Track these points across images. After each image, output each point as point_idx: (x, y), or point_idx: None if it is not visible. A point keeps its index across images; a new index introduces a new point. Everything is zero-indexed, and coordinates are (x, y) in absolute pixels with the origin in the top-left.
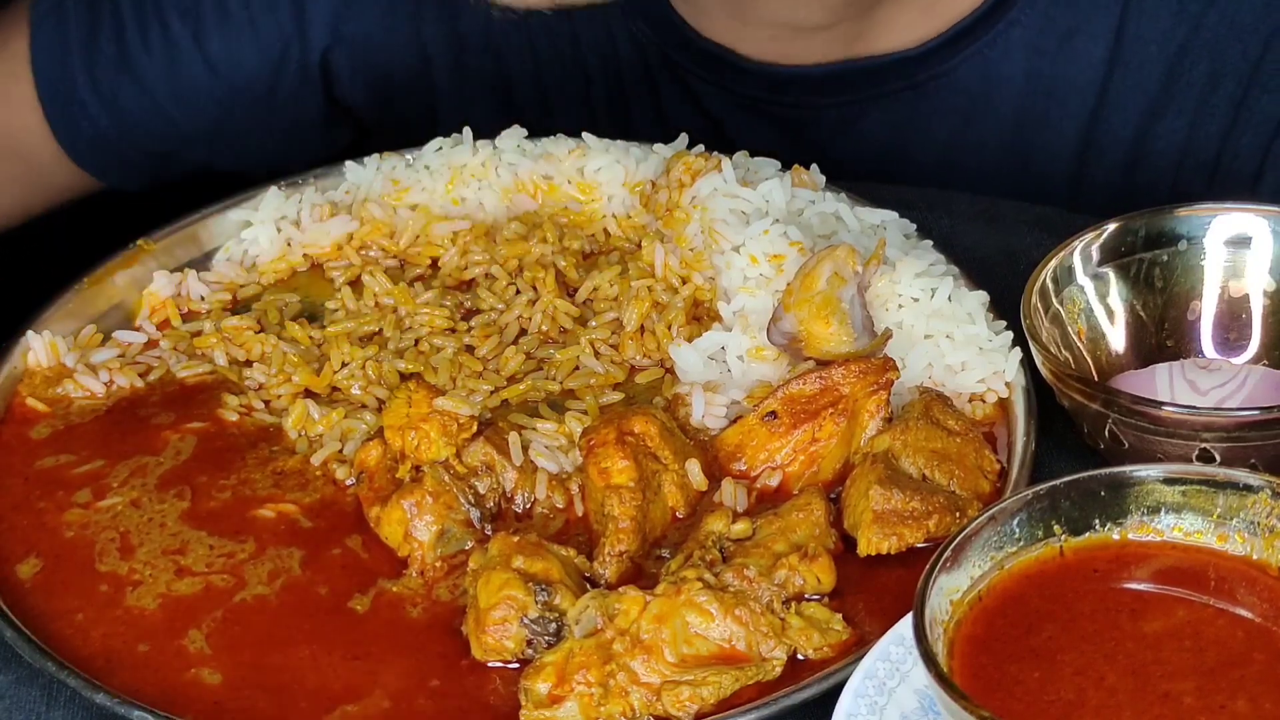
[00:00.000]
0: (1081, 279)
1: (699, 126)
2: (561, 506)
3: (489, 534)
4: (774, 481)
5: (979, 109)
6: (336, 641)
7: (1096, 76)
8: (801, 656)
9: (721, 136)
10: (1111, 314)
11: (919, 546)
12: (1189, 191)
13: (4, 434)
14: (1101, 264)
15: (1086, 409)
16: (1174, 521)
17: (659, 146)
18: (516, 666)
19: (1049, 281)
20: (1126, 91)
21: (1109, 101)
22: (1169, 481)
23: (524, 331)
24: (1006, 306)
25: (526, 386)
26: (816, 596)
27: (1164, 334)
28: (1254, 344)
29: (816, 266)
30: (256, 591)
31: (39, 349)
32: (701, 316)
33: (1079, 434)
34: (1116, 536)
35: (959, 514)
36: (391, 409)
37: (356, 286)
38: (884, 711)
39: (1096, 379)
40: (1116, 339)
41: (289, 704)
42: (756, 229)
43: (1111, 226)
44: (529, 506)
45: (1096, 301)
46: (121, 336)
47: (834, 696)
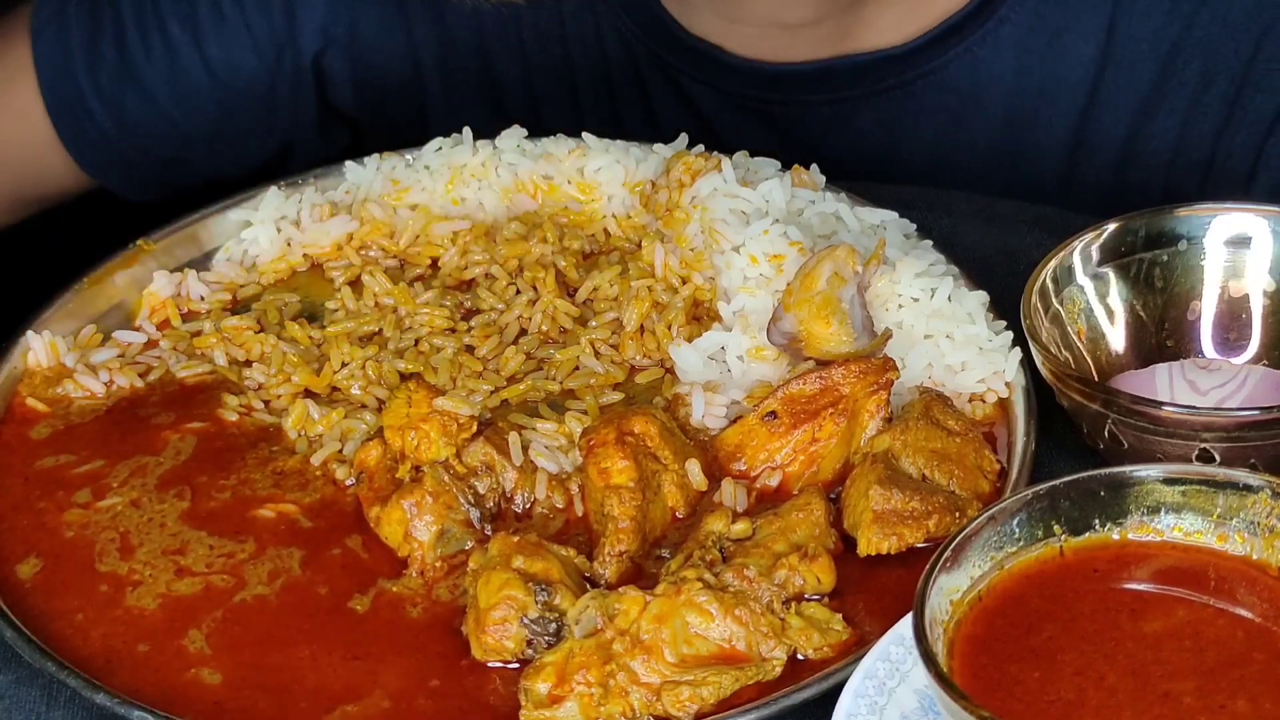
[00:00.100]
0: (1081, 279)
1: (688, 125)
2: (561, 506)
3: (489, 534)
4: (774, 481)
5: (969, 107)
6: (336, 641)
7: (1087, 75)
8: (801, 656)
9: (711, 135)
10: (1111, 314)
11: (919, 546)
12: (1182, 191)
13: (4, 434)
14: (1101, 264)
15: (1086, 409)
16: (1174, 521)
17: (659, 146)
18: (516, 666)
19: (1049, 281)
20: (1118, 90)
21: (1100, 100)
22: (1169, 481)
23: (524, 331)
24: (1006, 306)
25: (526, 386)
26: (816, 596)
27: (1164, 334)
28: (1254, 344)
29: (816, 266)
30: (256, 591)
31: (39, 349)
32: (701, 316)
33: (1079, 434)
34: (1116, 536)
35: (959, 514)
36: (391, 409)
37: (356, 286)
38: (884, 711)
39: (1096, 379)
40: (1116, 339)
41: (289, 704)
42: (756, 229)
43: (1111, 226)
44: (529, 506)
45: (1096, 301)
46: (121, 336)
47: (834, 696)
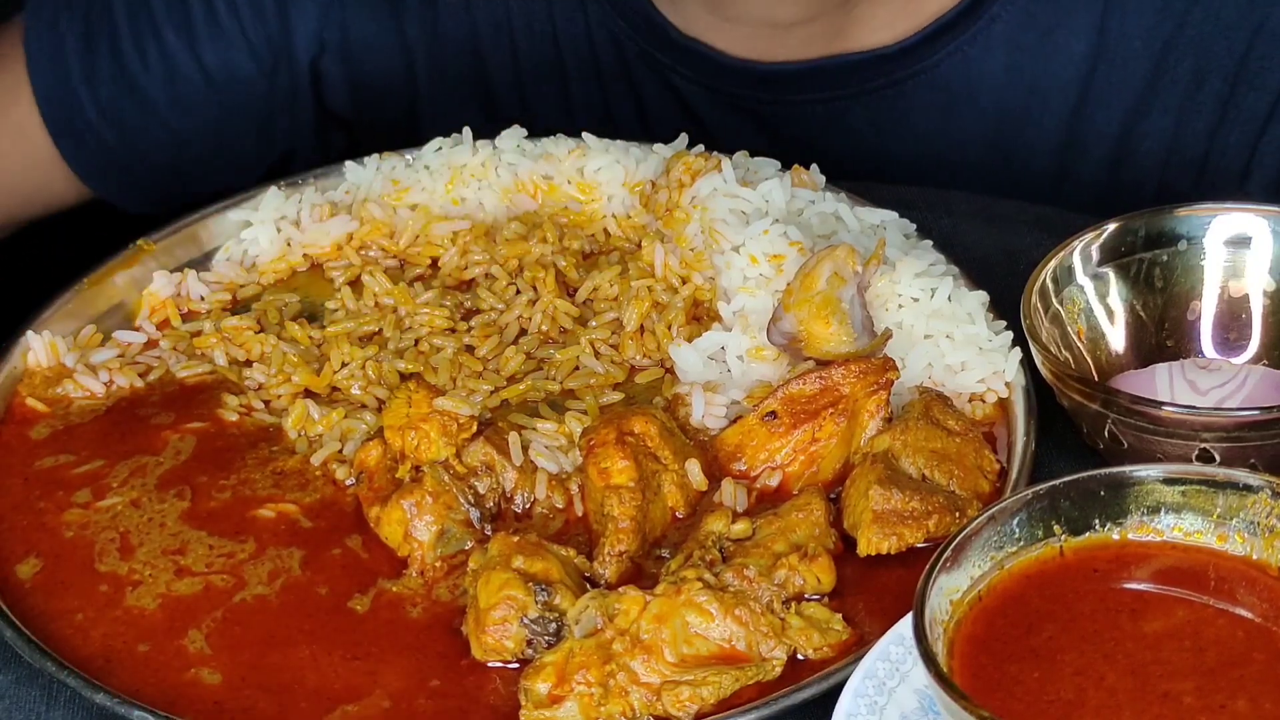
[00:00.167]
0: (1081, 279)
1: (681, 125)
2: (561, 506)
3: (489, 534)
4: (774, 481)
5: (960, 106)
6: (336, 641)
7: (1079, 73)
8: (801, 656)
9: (704, 135)
10: (1111, 314)
11: (919, 546)
12: (1175, 189)
13: (4, 434)
14: (1101, 264)
15: (1086, 409)
16: (1174, 521)
17: (659, 146)
18: (516, 666)
19: (1049, 281)
20: (1111, 88)
21: (1092, 98)
22: (1169, 481)
23: (524, 331)
24: (1006, 306)
25: (526, 386)
26: (816, 596)
27: (1164, 334)
28: (1254, 344)
29: (816, 266)
30: (256, 591)
31: (39, 349)
32: (701, 316)
33: (1079, 434)
34: (1116, 536)
35: (959, 514)
36: (391, 409)
37: (356, 286)
38: (884, 711)
39: (1096, 379)
40: (1116, 339)
41: (289, 704)
42: (756, 229)
43: (1111, 226)
44: (529, 506)
45: (1096, 301)
46: (121, 336)
47: (834, 696)
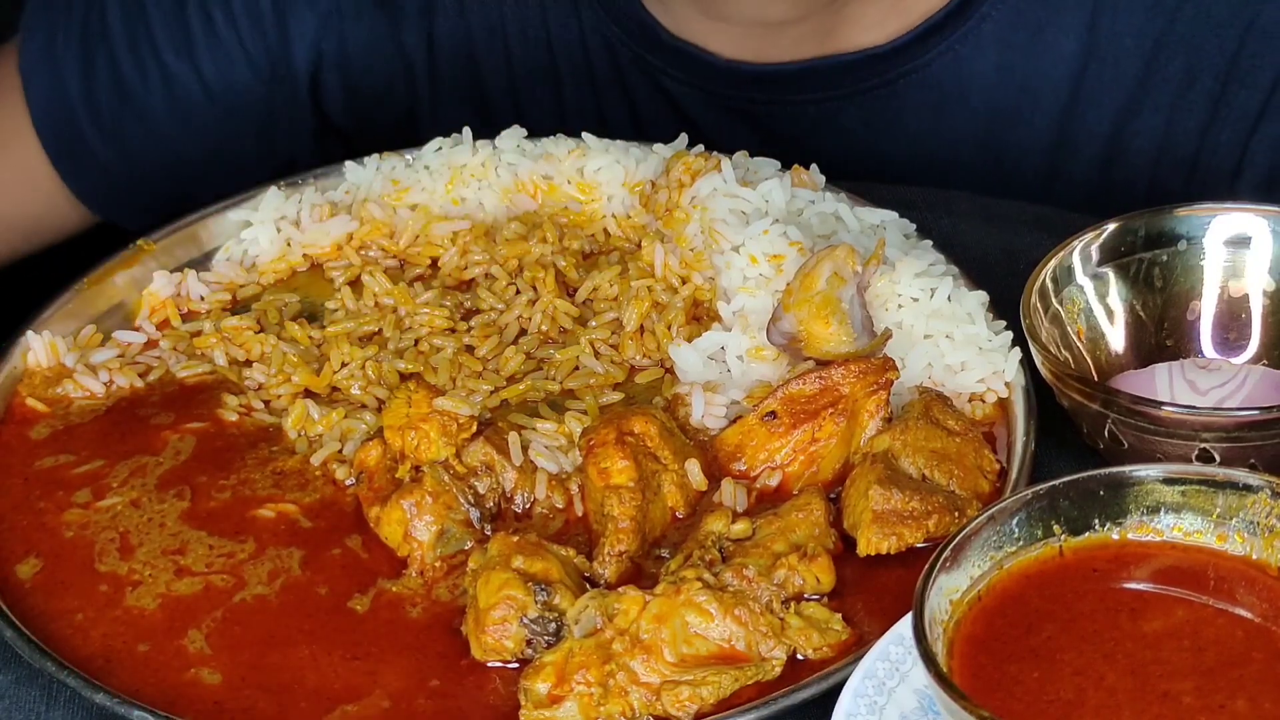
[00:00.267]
0: (1081, 279)
1: (674, 127)
2: (561, 506)
3: (489, 534)
4: (774, 481)
5: (952, 105)
6: (336, 641)
7: (1070, 71)
8: (801, 656)
9: (697, 136)
10: (1111, 314)
11: (919, 546)
12: (1167, 188)
13: (4, 434)
14: (1101, 264)
15: (1086, 409)
16: (1174, 521)
17: (658, 146)
18: (516, 666)
19: (1049, 281)
20: (1102, 87)
21: (1083, 97)
22: (1169, 481)
23: (524, 331)
24: (1006, 306)
25: (526, 386)
26: (816, 596)
27: (1164, 334)
28: (1254, 344)
29: (816, 266)
30: (256, 591)
31: (39, 349)
32: (701, 316)
33: (1079, 434)
34: (1116, 536)
35: (958, 514)
36: (391, 409)
37: (356, 286)
38: (884, 711)
39: (1096, 379)
40: (1116, 339)
41: (289, 704)
42: (756, 229)
43: (1111, 226)
44: (529, 506)
45: (1096, 301)
46: (121, 336)
47: (834, 696)
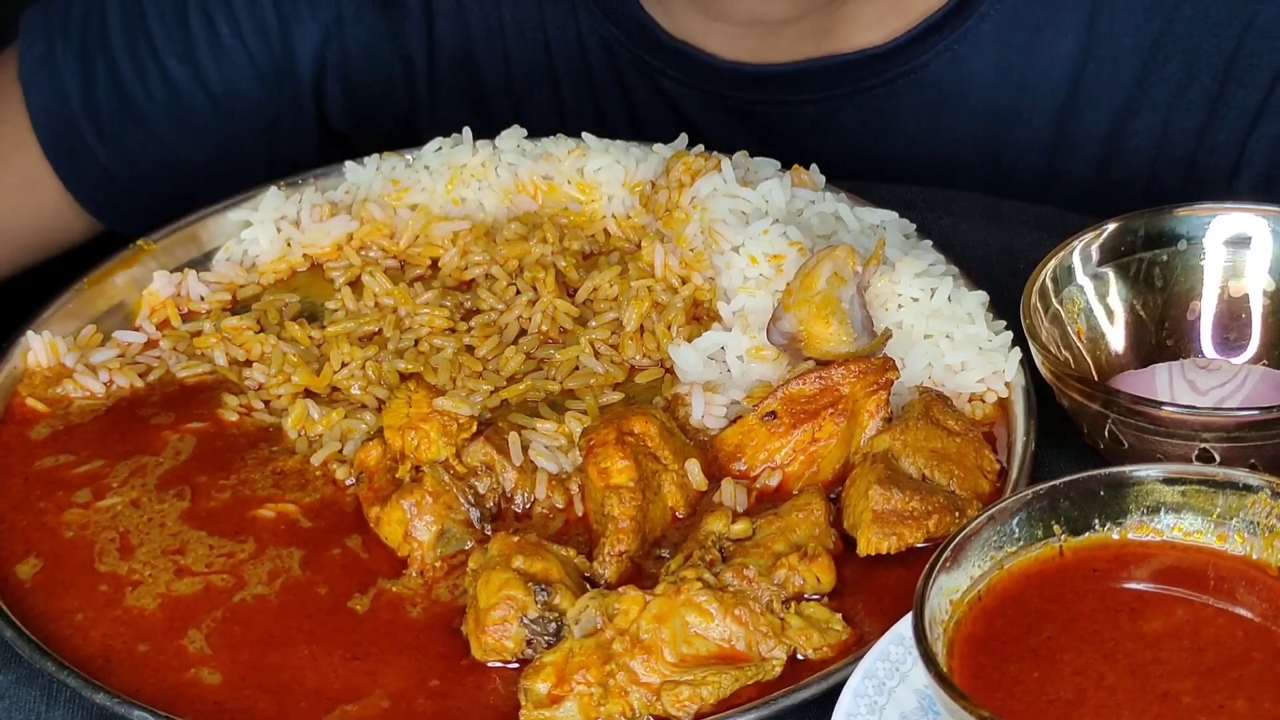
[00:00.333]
0: (1081, 279)
1: (672, 128)
2: (561, 506)
3: (489, 534)
4: (774, 481)
5: (950, 105)
6: (336, 641)
7: (1068, 71)
8: (801, 656)
9: (696, 137)
10: (1111, 314)
11: (919, 546)
12: (1165, 188)
13: (4, 434)
14: (1101, 264)
15: (1086, 409)
16: (1174, 521)
17: (658, 146)
18: (516, 666)
19: (1049, 281)
20: (1100, 86)
21: (1082, 96)
22: (1169, 481)
23: (524, 331)
24: (1006, 306)
25: (526, 386)
26: (816, 596)
27: (1164, 334)
28: (1254, 344)
29: (816, 266)
30: (256, 591)
31: (39, 349)
32: (701, 316)
33: (1079, 434)
34: (1116, 536)
35: (959, 514)
36: (391, 409)
37: (356, 286)
38: (884, 711)
39: (1096, 379)
40: (1116, 339)
41: (289, 704)
42: (756, 229)
43: (1111, 226)
44: (529, 506)
45: (1096, 301)
46: (121, 336)
47: (834, 696)
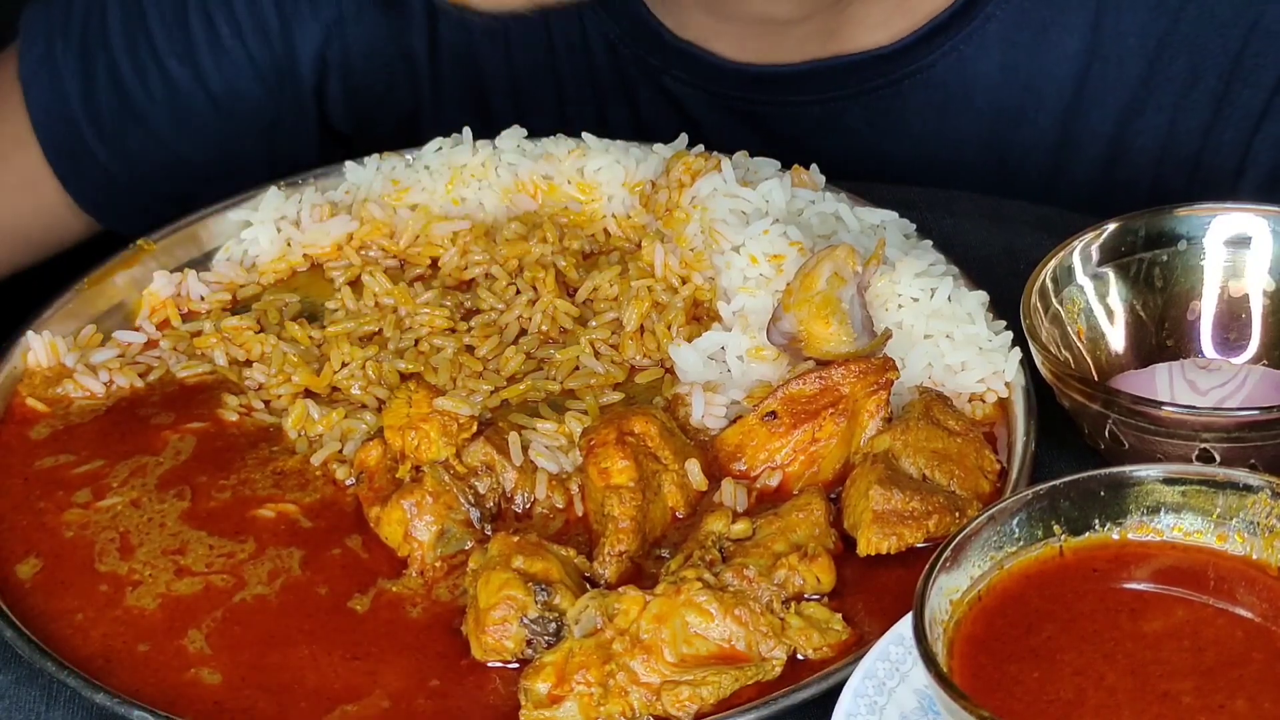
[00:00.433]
0: (1081, 279)
1: (676, 128)
2: (561, 506)
3: (489, 534)
4: (774, 481)
5: (956, 105)
6: (336, 641)
7: (1073, 70)
8: (801, 656)
9: (699, 137)
10: (1111, 314)
11: (919, 546)
12: (1169, 188)
13: (4, 434)
14: (1101, 264)
15: (1086, 409)
16: (1174, 521)
17: (659, 146)
18: (516, 666)
19: (1049, 281)
20: (1105, 86)
21: (1087, 96)
22: (1169, 481)
23: (524, 331)
24: (1006, 306)
25: (526, 386)
26: (816, 596)
27: (1164, 334)
28: (1254, 344)
29: (816, 266)
30: (256, 591)
31: (39, 349)
32: (701, 316)
33: (1079, 434)
34: (1116, 536)
35: (959, 514)
36: (391, 409)
37: (356, 286)
38: (884, 711)
39: (1096, 379)
40: (1116, 339)
41: (289, 704)
42: (756, 229)
43: (1111, 226)
44: (529, 506)
45: (1096, 301)
46: (121, 336)
47: (834, 696)
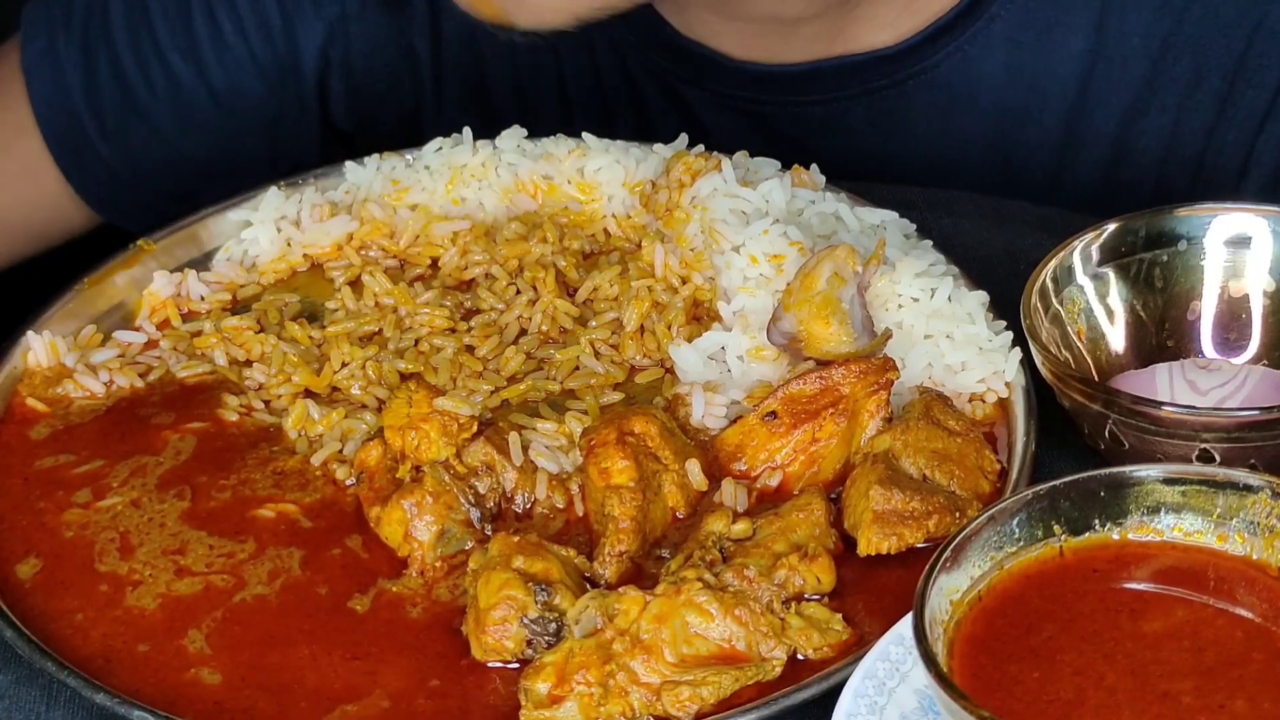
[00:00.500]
0: (1081, 279)
1: (680, 127)
2: (561, 506)
3: (489, 534)
4: (774, 481)
5: (960, 105)
6: (336, 641)
7: (1077, 70)
8: (801, 656)
9: (703, 136)
10: (1111, 314)
11: (919, 546)
12: (1172, 189)
13: (4, 434)
14: (1101, 264)
15: (1087, 409)
16: (1174, 521)
17: (659, 146)
18: (516, 666)
19: (1049, 281)
20: (1110, 86)
21: (1091, 96)
22: (1169, 481)
23: (524, 331)
24: (1006, 306)
25: (526, 386)
26: (816, 596)
27: (1164, 334)
28: (1254, 344)
29: (816, 266)
30: (256, 591)
31: (39, 349)
32: (701, 316)
33: (1079, 434)
34: (1116, 536)
35: (959, 514)
36: (391, 409)
37: (356, 286)
38: (884, 711)
39: (1096, 379)
40: (1116, 339)
41: (289, 704)
42: (756, 229)
43: (1111, 226)
44: (529, 506)
45: (1096, 301)
46: (121, 336)
47: (834, 696)
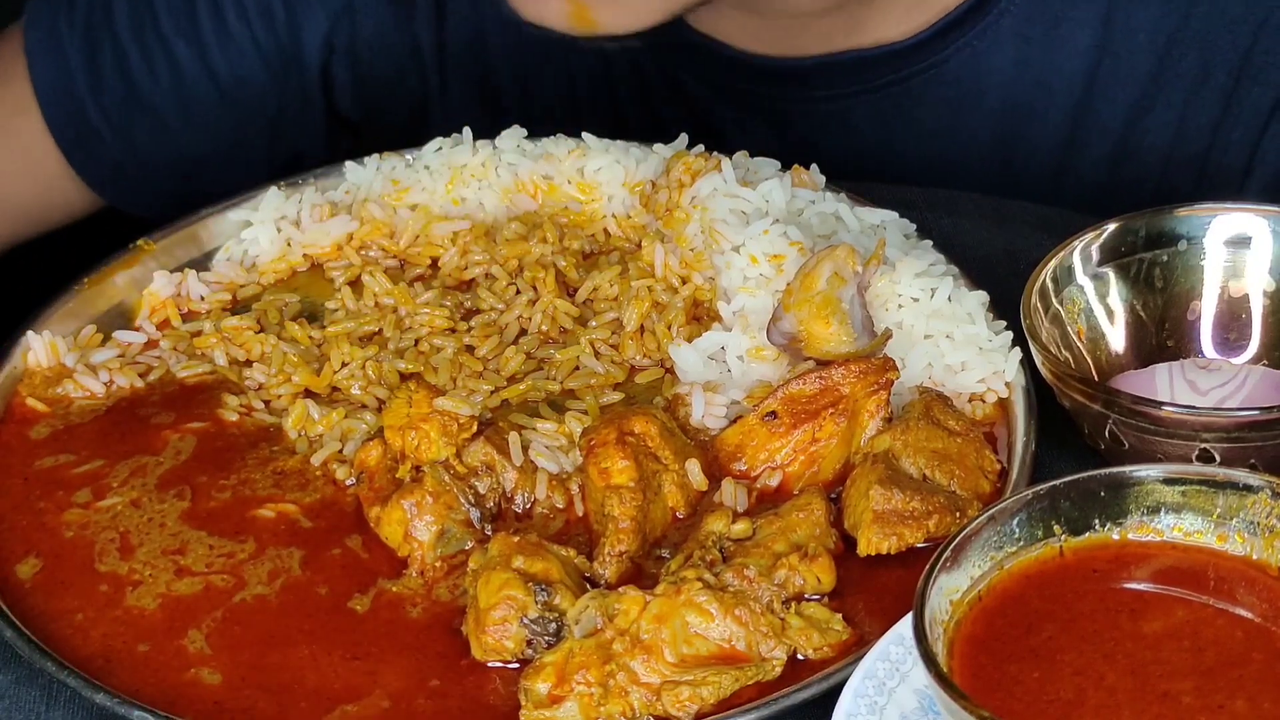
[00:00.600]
0: (1081, 279)
1: (688, 122)
2: (561, 506)
3: (489, 534)
4: (774, 481)
5: (968, 101)
6: (336, 641)
7: (1084, 66)
8: (801, 656)
9: (711, 131)
10: (1111, 314)
11: (919, 546)
12: (1177, 187)
13: (4, 434)
14: (1101, 264)
15: (1087, 409)
16: (1174, 521)
17: (659, 146)
18: (516, 666)
19: (1049, 281)
20: (1115, 82)
21: (1097, 92)
22: (1169, 481)
23: (524, 331)
24: (1006, 306)
25: (526, 386)
26: (816, 596)
27: (1164, 334)
28: (1254, 344)
29: (816, 266)
30: (256, 591)
31: (39, 349)
32: (701, 316)
33: (1079, 434)
34: (1116, 536)
35: (959, 514)
36: (391, 409)
37: (356, 286)
38: (884, 711)
39: (1096, 379)
40: (1116, 339)
41: (289, 704)
42: (756, 229)
43: (1111, 226)
44: (529, 506)
45: (1096, 301)
46: (121, 336)
47: (834, 696)
